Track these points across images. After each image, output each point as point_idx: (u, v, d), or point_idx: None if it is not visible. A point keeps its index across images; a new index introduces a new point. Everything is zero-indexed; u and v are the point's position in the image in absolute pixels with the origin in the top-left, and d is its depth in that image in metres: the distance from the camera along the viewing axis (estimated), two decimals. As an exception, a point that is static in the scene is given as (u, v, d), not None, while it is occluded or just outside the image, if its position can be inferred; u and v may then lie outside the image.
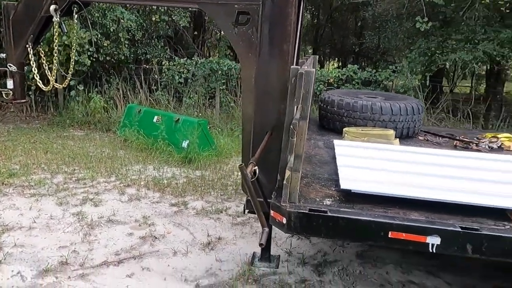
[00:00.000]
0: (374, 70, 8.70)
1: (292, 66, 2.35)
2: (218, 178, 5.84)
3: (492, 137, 4.04)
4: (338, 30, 16.83)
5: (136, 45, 9.67)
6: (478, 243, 2.02)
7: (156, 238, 4.14)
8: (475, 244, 2.02)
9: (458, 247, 2.04)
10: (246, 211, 3.47)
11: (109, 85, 9.34)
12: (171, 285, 3.37)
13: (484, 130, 5.91)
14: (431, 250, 2.05)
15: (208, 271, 3.60)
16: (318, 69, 9.16)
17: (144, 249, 3.92)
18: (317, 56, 5.16)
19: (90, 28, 7.99)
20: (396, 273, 3.69)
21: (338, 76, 8.65)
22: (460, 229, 2.05)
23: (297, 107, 2.32)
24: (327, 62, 19.84)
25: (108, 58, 9.12)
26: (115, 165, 6.20)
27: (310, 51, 17.32)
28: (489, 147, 3.73)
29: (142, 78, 9.33)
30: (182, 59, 9.32)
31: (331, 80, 8.59)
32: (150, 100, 9.17)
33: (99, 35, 8.60)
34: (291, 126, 2.20)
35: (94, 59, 8.78)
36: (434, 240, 2.06)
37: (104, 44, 8.80)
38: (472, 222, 2.14)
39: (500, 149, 3.76)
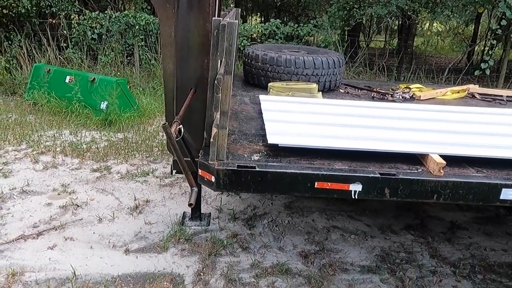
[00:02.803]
0: (296, 25, 8.73)
1: (213, 18, 2.22)
2: (143, 140, 5.61)
3: (405, 88, 4.31)
4: (259, -17, 16.44)
5: (38, -4, 8.61)
6: (395, 187, 2.17)
7: (78, 206, 3.91)
8: (392, 188, 2.17)
9: (378, 191, 2.17)
10: (174, 171, 3.38)
11: (10, 42, 8.31)
12: (99, 253, 3.25)
13: (397, 82, 6.29)
14: (353, 197, 2.16)
15: (138, 235, 3.52)
16: (241, 23, 8.97)
17: (65, 218, 3.70)
18: (240, 9, 4.99)
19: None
20: (322, 220, 3.91)
21: (261, 31, 8.55)
22: (379, 175, 2.17)
23: (220, 61, 2.23)
24: (249, 17, 19.51)
25: (4, 11, 8.04)
26: (25, 132, 5.66)
27: (232, 5, 16.83)
28: (402, 97, 3.98)
29: (49, 34, 8.42)
30: (93, 13, 8.52)
31: (254, 35, 8.48)
32: (60, 58, 8.36)
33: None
34: (216, 82, 2.11)
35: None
36: (356, 187, 2.16)
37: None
38: (389, 168, 2.28)
39: (412, 99, 4.02)
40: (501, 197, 2.19)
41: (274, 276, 3.08)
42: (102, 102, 6.17)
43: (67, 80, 6.61)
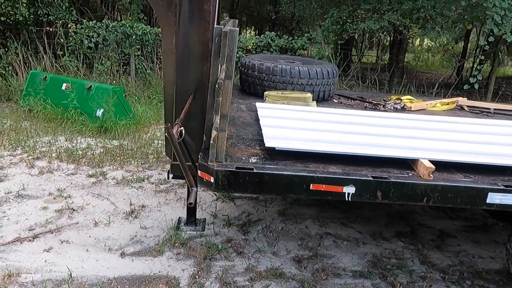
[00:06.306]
0: (291, 38, 8.90)
1: (215, 26, 2.32)
2: (138, 147, 5.66)
3: (397, 99, 4.44)
4: (254, -3, 16.73)
5: (36, 4, 8.69)
6: (387, 190, 2.26)
7: (74, 210, 3.94)
8: (384, 191, 2.25)
9: (370, 194, 2.26)
10: (171, 176, 3.44)
11: (6, 49, 8.35)
12: (94, 256, 3.27)
13: (389, 94, 6.44)
14: (347, 199, 2.25)
15: (133, 239, 3.55)
16: (236, 35, 9.12)
17: (61, 222, 3.72)
18: (237, 21, 5.11)
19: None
20: (315, 226, 3.98)
21: (256, 43, 8.71)
22: (372, 179, 2.26)
23: (221, 67, 2.32)
24: (244, 30, 19.78)
25: (2, 18, 8.11)
26: (20, 137, 5.68)
27: (226, 18, 17.07)
28: (394, 107, 4.10)
29: (46, 42, 8.48)
30: (91, 22, 8.62)
31: (249, 47, 8.63)
32: (56, 66, 8.41)
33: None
34: (217, 86, 2.20)
35: (-15, 20, 7.76)
36: (349, 190, 2.25)
37: (-3, 2, 7.79)
38: (381, 172, 2.37)
39: (403, 109, 4.15)
40: (488, 201, 2.29)
41: (268, 280, 3.13)
42: (98, 110, 6.22)
43: (63, 87, 6.66)
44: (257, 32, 17.95)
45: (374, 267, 3.39)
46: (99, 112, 6.21)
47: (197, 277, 3.10)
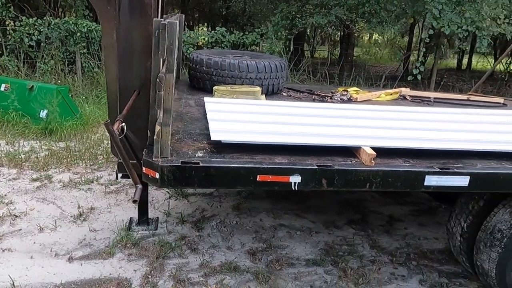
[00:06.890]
0: (242, 33, 8.91)
1: (154, 19, 2.27)
2: (86, 148, 5.46)
3: (343, 90, 4.57)
4: (205, -7, 16.57)
5: (-32, 1, 8.15)
6: (331, 178, 2.32)
7: (16, 216, 3.74)
8: (329, 179, 2.31)
9: (316, 182, 2.31)
10: (119, 175, 3.34)
11: None
12: (40, 262, 3.13)
13: (337, 86, 6.60)
14: (293, 188, 2.28)
15: (82, 243, 3.43)
16: (187, 31, 9.00)
17: (2, 230, 3.52)
18: (183, 15, 5.04)
19: None
20: (269, 219, 4.02)
21: (207, 39, 8.64)
22: (316, 167, 2.31)
23: (162, 61, 2.27)
24: (196, 26, 19.56)
25: None
26: (-45, 143, 5.30)
27: (177, 13, 16.77)
28: (340, 99, 4.21)
29: (-19, 41, 7.97)
30: (31, 19, 8.18)
31: (200, 42, 8.55)
32: (-6, 66, 7.93)
33: None
34: (158, 80, 2.15)
35: None
36: (296, 179, 2.28)
37: None
38: (326, 160, 2.43)
39: (350, 100, 4.27)
40: (425, 183, 2.40)
41: (223, 274, 3.13)
42: (42, 111, 5.93)
43: (2, 88, 6.27)
44: (209, 28, 17.80)
45: (326, 255, 3.48)
46: (43, 113, 5.92)
47: (149, 276, 3.04)
